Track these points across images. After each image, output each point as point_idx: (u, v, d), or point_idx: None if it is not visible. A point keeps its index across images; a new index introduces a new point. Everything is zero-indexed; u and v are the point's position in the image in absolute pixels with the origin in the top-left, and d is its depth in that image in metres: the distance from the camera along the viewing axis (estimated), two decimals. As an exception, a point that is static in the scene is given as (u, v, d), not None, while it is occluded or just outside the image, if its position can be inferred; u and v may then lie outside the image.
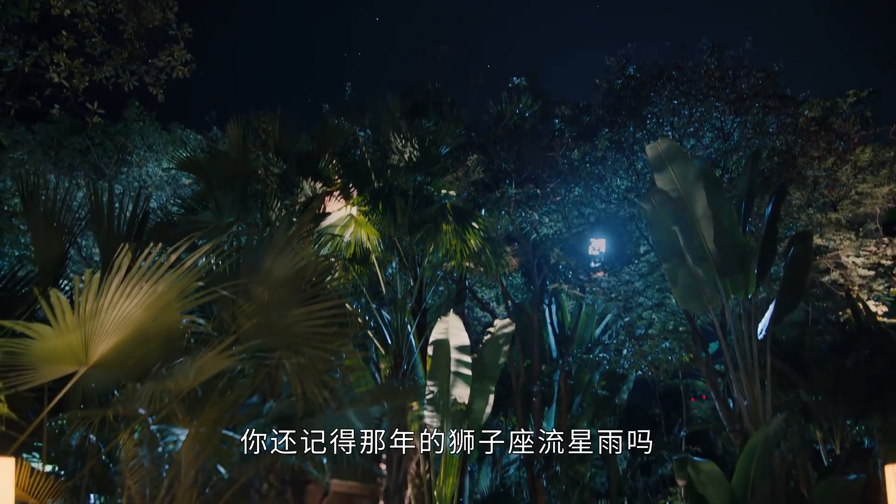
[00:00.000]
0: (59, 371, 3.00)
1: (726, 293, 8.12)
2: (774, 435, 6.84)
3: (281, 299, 3.57)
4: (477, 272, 10.04)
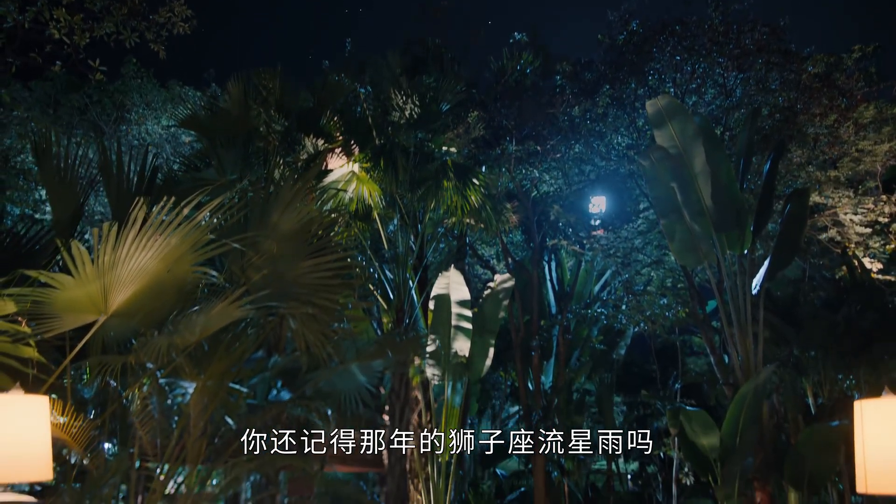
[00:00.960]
0: (80, 320, 3.16)
1: (722, 249, 8.26)
2: (763, 385, 7.08)
3: (288, 252, 3.71)
4: (477, 229, 10.18)
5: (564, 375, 14.03)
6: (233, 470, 5.82)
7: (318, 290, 3.68)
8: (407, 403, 9.65)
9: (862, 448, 2.30)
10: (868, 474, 2.23)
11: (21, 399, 2.40)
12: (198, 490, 5.03)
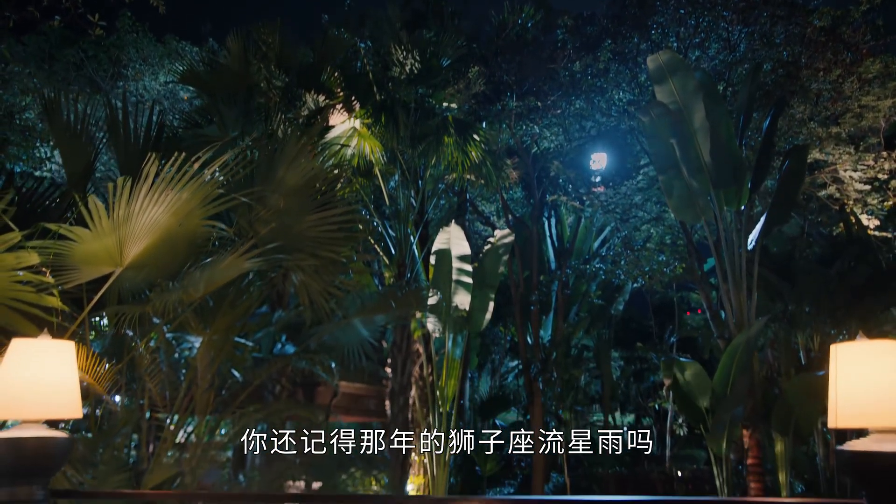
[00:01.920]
0: (97, 271, 3.30)
1: (719, 205, 8.36)
2: (755, 337, 7.29)
3: (294, 206, 3.82)
4: (478, 185, 10.25)
5: (563, 330, 14.31)
6: (241, 420, 6.05)
7: (324, 243, 3.81)
8: (409, 356, 9.91)
9: (835, 387, 2.45)
10: (839, 411, 2.39)
11: (50, 344, 2.56)
12: (207, 439, 5.24)
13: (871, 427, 2.32)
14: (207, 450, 5.12)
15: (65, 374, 2.57)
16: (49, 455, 2.50)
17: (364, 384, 11.39)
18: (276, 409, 7.61)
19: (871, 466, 2.29)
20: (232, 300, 4.49)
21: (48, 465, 2.53)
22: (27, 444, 2.45)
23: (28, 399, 2.46)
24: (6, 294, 2.97)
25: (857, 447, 2.36)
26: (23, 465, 2.46)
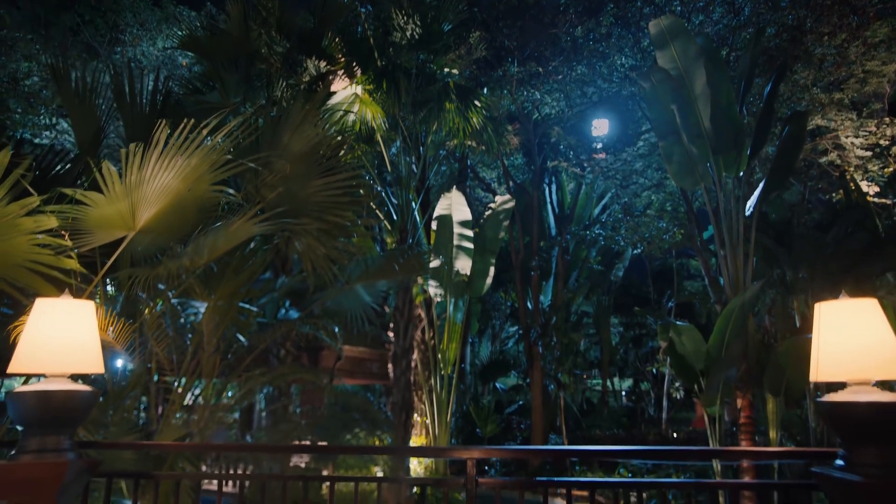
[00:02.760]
0: (111, 235, 3.41)
1: (718, 171, 8.41)
2: (750, 301, 7.43)
3: (300, 171, 3.91)
4: (479, 151, 10.28)
5: (562, 295, 14.48)
6: (247, 383, 6.21)
7: (329, 207, 3.91)
8: (411, 321, 10.10)
9: (817, 343, 2.59)
10: (820, 365, 2.53)
11: (72, 303, 2.69)
12: (214, 401, 5.39)
13: (849, 380, 2.47)
14: (215, 411, 5.26)
15: (86, 332, 2.71)
16: (75, 407, 2.66)
17: (367, 348, 11.62)
18: (281, 372, 7.80)
19: (847, 415, 2.45)
20: (235, 267, 4.59)
21: (74, 416, 2.68)
22: (54, 397, 2.60)
23: (54, 355, 2.60)
24: (26, 256, 3.09)
25: (835, 398, 2.52)
26: (51, 416, 2.62)
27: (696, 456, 4.35)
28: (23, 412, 2.62)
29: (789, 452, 3.74)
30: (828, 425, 2.58)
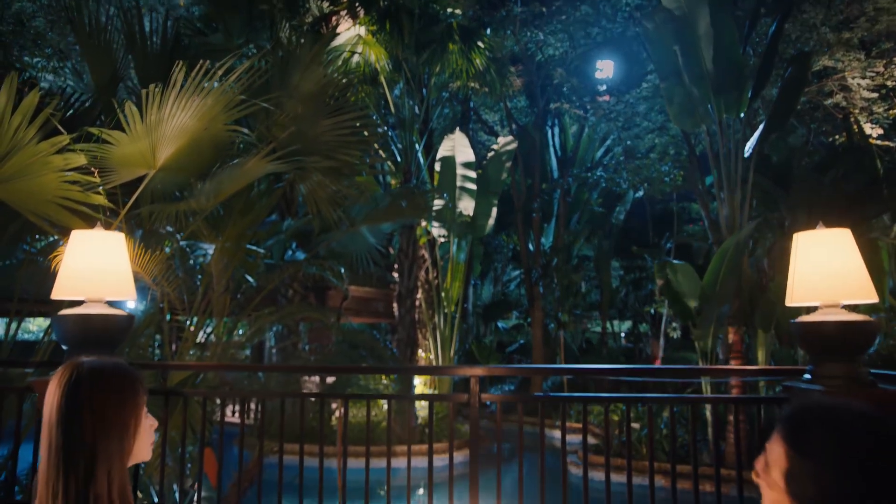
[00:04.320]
0: (133, 173, 3.61)
1: (718, 112, 8.46)
2: (744, 240, 7.65)
3: (309, 112, 4.06)
4: (481, 93, 10.29)
5: (563, 237, 14.71)
6: (256, 322, 6.48)
7: (338, 146, 4.08)
8: (415, 261, 10.37)
9: (794, 270, 2.81)
10: (795, 290, 2.76)
11: (105, 234, 2.91)
12: (226, 339, 5.66)
13: (821, 302, 2.70)
14: (227, 349, 5.52)
15: (119, 261, 2.94)
16: (113, 329, 2.92)
17: (372, 288, 11.94)
18: (289, 311, 8.10)
19: (816, 333, 2.70)
20: (242, 209, 4.76)
21: (112, 337, 2.94)
22: (93, 320, 2.86)
23: (91, 282, 2.84)
24: (56, 193, 3.29)
25: (806, 319, 2.76)
26: (90, 338, 2.88)
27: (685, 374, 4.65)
28: (66, 333, 2.88)
29: (769, 371, 4.05)
30: (799, 344, 2.82)
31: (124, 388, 1.19)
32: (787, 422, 1.00)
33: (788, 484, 0.97)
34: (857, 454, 0.92)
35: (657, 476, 3.60)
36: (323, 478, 3.35)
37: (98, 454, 1.12)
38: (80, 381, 1.16)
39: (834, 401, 1.01)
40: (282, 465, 3.39)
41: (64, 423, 1.13)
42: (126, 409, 1.18)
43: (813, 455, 0.94)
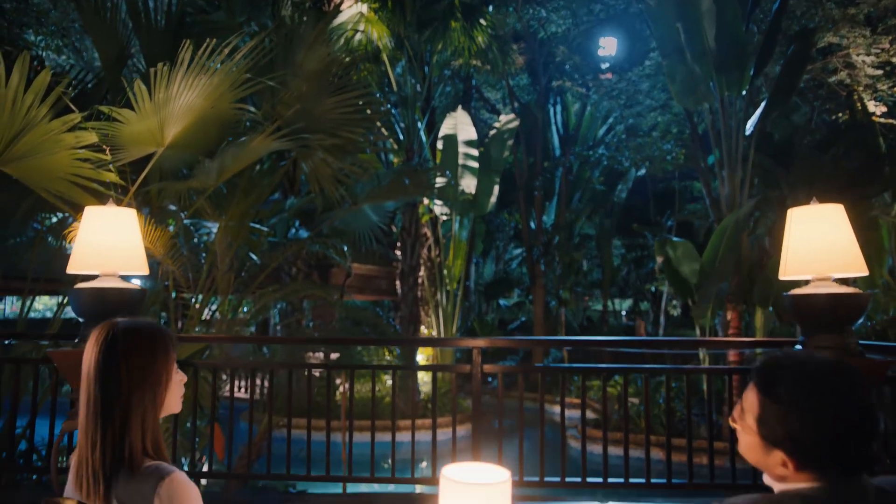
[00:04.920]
0: (142, 150, 3.68)
1: (720, 90, 8.46)
2: (744, 217, 7.71)
3: (314, 90, 4.12)
4: (483, 71, 10.28)
5: (565, 215, 14.77)
6: (261, 299, 6.57)
7: (342, 124, 4.14)
8: (417, 239, 10.45)
9: (787, 244, 2.89)
10: (788, 263, 2.84)
11: (118, 211, 2.99)
12: (231, 316, 5.74)
13: (813, 276, 2.79)
14: (232, 326, 5.59)
15: (131, 237, 3.02)
16: (127, 302, 3.01)
17: (375, 266, 12.04)
18: (293, 289, 8.18)
19: (808, 306, 2.79)
20: (245, 188, 4.82)
21: (126, 310, 3.04)
22: (108, 293, 2.96)
23: (104, 256, 2.93)
24: (68, 170, 3.37)
25: (798, 292, 2.85)
26: (105, 310, 2.98)
27: (682, 345, 4.77)
28: (82, 306, 2.98)
29: (763, 342, 4.15)
30: (791, 316, 2.91)
31: (156, 344, 1.28)
32: (759, 372, 1.10)
33: (760, 427, 1.07)
34: (819, 398, 1.02)
35: (656, 449, 3.73)
36: (330, 451, 3.48)
37: (132, 406, 1.22)
38: (115, 338, 1.25)
39: (802, 353, 1.12)
40: (290, 437, 3.51)
41: (101, 378, 1.23)
42: (158, 364, 1.27)
43: (781, 400, 1.04)
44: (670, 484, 3.12)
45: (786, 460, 1.04)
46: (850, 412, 1.01)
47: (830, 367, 1.05)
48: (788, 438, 1.03)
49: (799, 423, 1.02)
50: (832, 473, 1.02)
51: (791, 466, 1.03)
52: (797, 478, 1.04)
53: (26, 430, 3.64)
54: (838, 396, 1.02)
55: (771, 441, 1.05)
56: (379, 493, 3.08)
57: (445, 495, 1.04)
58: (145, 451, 1.22)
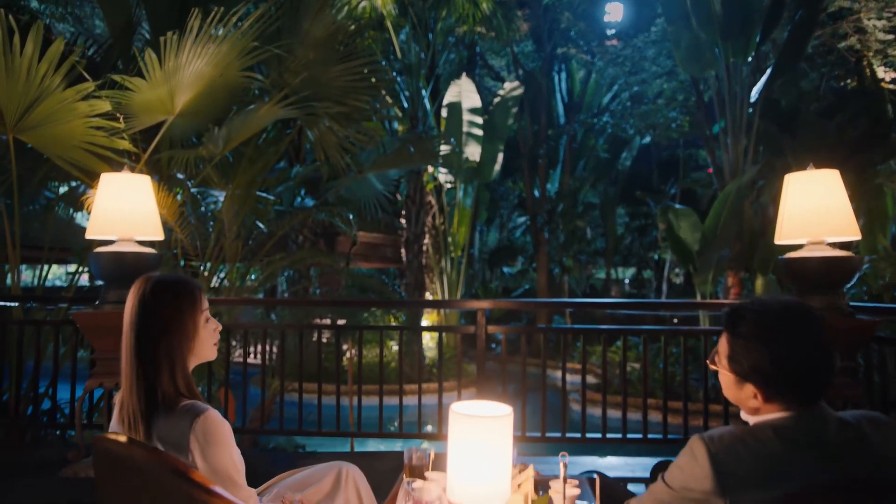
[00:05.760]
0: (154, 118, 3.75)
1: (726, 56, 8.40)
2: (746, 185, 7.74)
3: (320, 57, 4.16)
4: (488, 38, 10.20)
5: (569, 183, 14.78)
6: (268, 267, 6.68)
7: (348, 91, 4.20)
8: (422, 207, 10.53)
9: (783, 209, 2.96)
10: (784, 228, 2.92)
11: (133, 177, 3.08)
12: (239, 284, 5.85)
13: (807, 239, 2.87)
14: (240, 293, 5.72)
15: (146, 203, 3.12)
16: (143, 265, 3.12)
17: (381, 234, 12.14)
18: (300, 256, 8.30)
19: (802, 268, 2.88)
20: (251, 156, 4.89)
21: (144, 273, 3.15)
22: (126, 257, 3.07)
23: (121, 222, 3.03)
24: (82, 138, 3.45)
25: (792, 255, 2.93)
26: (125, 273, 3.09)
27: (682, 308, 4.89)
28: (102, 269, 3.10)
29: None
30: (785, 278, 3.01)
31: (182, 295, 1.39)
32: (727, 315, 1.22)
33: (731, 364, 1.19)
34: (778, 333, 1.14)
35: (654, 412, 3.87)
36: (339, 411, 3.65)
37: (163, 352, 1.34)
38: (146, 291, 1.37)
39: (765, 296, 1.23)
40: (301, 397, 3.66)
41: (135, 327, 1.34)
42: (185, 313, 1.38)
43: (745, 336, 1.16)
44: (666, 439, 3.26)
45: (756, 392, 1.16)
46: (806, 345, 1.13)
47: (789, 306, 1.16)
48: (754, 371, 1.15)
49: (762, 356, 1.14)
50: (796, 403, 1.14)
51: (760, 398, 1.16)
52: (767, 409, 1.16)
53: (48, 389, 3.80)
54: (795, 331, 1.13)
55: (741, 375, 1.18)
56: (386, 452, 3.23)
57: (454, 427, 1.15)
58: (179, 393, 1.34)
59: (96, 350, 3.20)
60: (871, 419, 1.13)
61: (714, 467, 1.09)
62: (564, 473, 1.22)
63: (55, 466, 3.23)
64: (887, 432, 1.12)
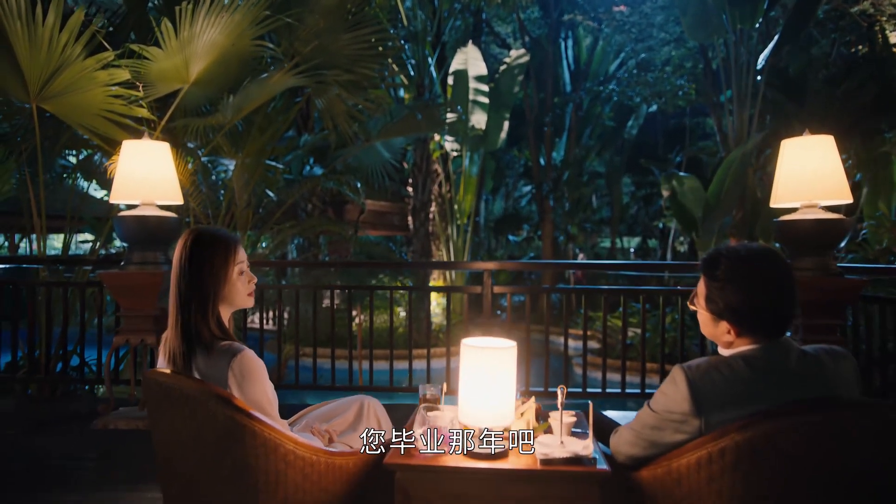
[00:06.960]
0: (170, 87, 3.86)
1: (733, 22, 8.36)
2: (750, 152, 7.79)
3: (330, 26, 4.24)
4: (494, 4, 10.14)
5: (575, 152, 14.79)
6: (279, 234, 6.82)
7: (358, 59, 4.29)
8: (428, 175, 10.63)
9: (778, 174, 3.07)
10: (778, 192, 3.03)
11: (153, 143, 3.22)
12: (251, 252, 6.00)
13: (800, 203, 2.99)
14: (251, 260, 5.89)
15: (166, 168, 3.26)
16: (166, 228, 3.28)
17: (388, 202, 12.26)
18: (309, 224, 8.47)
19: (794, 231, 3.01)
20: (261, 125, 4.99)
21: (166, 236, 3.31)
22: (149, 220, 3.22)
23: (143, 187, 3.17)
24: (102, 106, 3.58)
25: (786, 218, 3.06)
26: (148, 236, 3.26)
27: (682, 269, 5.04)
28: (126, 232, 3.26)
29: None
30: (779, 241, 3.13)
31: (216, 246, 1.55)
32: (704, 260, 1.37)
33: (707, 304, 1.34)
34: (748, 274, 1.29)
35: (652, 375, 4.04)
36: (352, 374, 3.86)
37: (198, 295, 1.50)
38: (186, 242, 1.52)
39: (738, 244, 1.38)
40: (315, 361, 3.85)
41: (178, 273, 1.50)
42: (216, 262, 1.53)
43: (719, 278, 1.31)
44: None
45: (729, 328, 1.31)
46: (772, 285, 1.28)
47: (758, 252, 1.31)
48: (728, 309, 1.30)
49: (734, 295, 1.29)
50: (764, 337, 1.29)
51: (733, 333, 1.31)
52: (740, 343, 1.32)
53: (76, 347, 4.00)
54: (763, 273, 1.28)
55: (717, 314, 1.33)
56: (398, 404, 3.42)
57: (465, 358, 1.31)
58: (214, 335, 1.50)
59: (122, 308, 3.37)
60: (829, 351, 1.29)
61: (691, 391, 1.25)
62: (562, 400, 1.38)
63: (86, 419, 3.44)
64: (840, 361, 1.28)
